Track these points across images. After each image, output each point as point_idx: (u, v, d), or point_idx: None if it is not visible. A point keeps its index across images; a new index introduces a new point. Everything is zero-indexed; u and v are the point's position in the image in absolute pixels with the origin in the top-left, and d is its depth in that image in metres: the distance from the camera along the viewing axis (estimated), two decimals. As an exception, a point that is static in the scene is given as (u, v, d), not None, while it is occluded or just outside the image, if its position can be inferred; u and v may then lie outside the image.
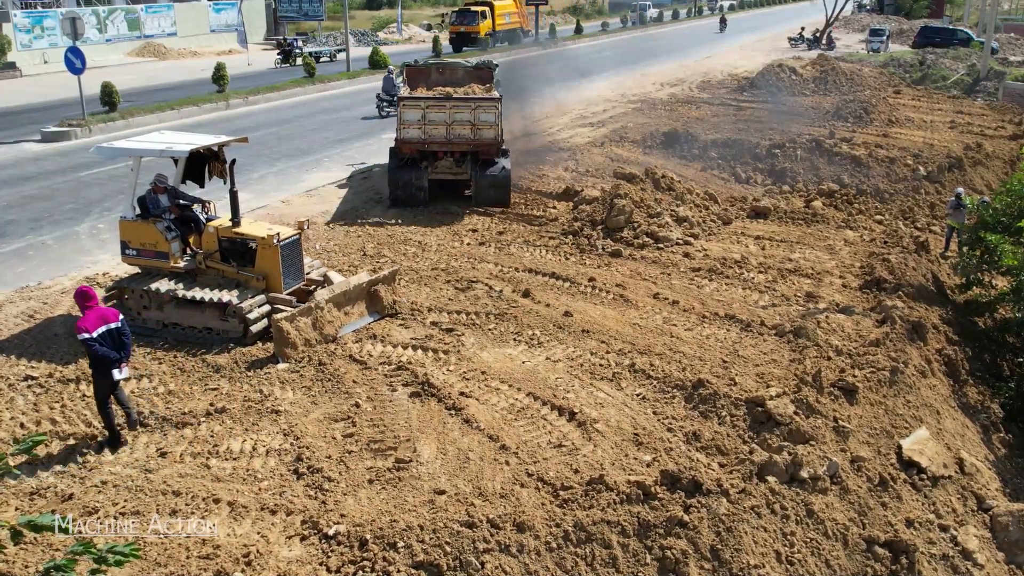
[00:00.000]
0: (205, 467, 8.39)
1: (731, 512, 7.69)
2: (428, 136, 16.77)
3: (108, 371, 8.64)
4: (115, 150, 12.58)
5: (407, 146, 16.80)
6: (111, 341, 8.67)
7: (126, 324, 8.97)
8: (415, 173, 17.04)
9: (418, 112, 16.61)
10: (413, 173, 17.02)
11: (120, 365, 8.72)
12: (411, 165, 17.04)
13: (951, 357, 11.67)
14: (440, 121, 16.69)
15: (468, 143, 16.95)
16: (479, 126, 16.82)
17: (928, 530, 8.55)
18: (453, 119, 16.74)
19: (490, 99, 17.00)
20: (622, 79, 36.89)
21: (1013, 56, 44.33)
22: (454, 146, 16.99)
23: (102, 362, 8.60)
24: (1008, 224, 13.60)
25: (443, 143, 16.90)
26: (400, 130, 16.65)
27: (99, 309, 8.83)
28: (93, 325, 8.59)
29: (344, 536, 7.27)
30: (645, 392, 9.91)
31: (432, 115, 16.62)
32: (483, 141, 16.99)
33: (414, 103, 16.67)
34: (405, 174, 17.01)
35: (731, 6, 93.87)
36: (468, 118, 16.73)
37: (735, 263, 14.15)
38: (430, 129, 16.72)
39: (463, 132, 16.82)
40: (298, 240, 11.70)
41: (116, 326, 8.75)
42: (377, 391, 9.82)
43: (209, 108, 29.26)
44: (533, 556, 7.17)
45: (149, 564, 6.95)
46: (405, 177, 17.01)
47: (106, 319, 8.71)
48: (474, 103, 16.82)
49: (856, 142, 23.19)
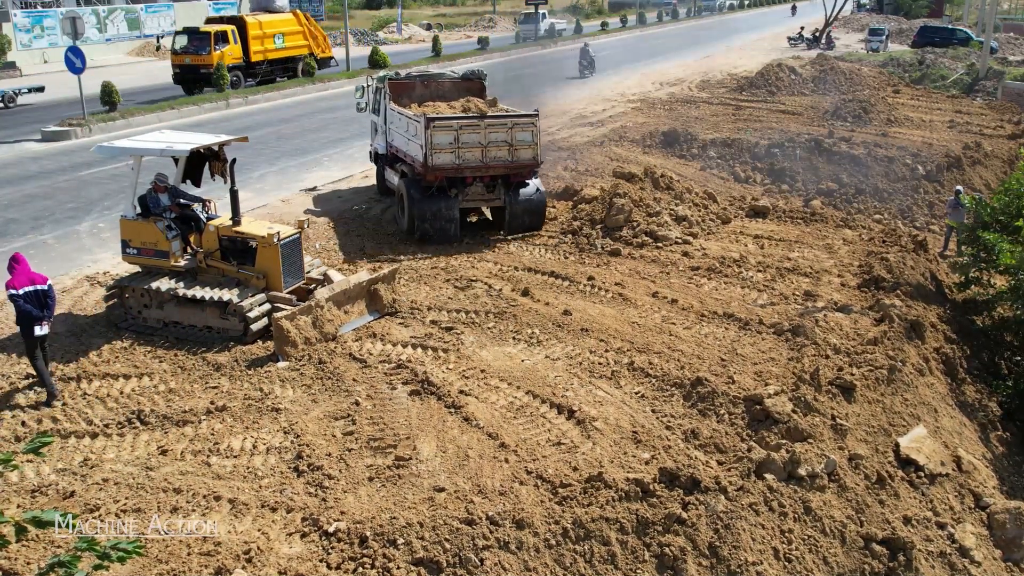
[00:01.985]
0: (206, 465, 8.43)
1: (729, 509, 7.72)
2: (462, 160, 14.94)
3: (30, 327, 9.57)
4: (115, 149, 12.63)
5: (437, 173, 14.88)
6: (36, 301, 9.62)
7: (53, 289, 9.93)
8: (445, 203, 15.10)
9: (450, 134, 14.74)
10: (443, 203, 15.08)
11: (41, 322, 9.63)
12: (439, 194, 15.16)
13: (949, 356, 11.71)
14: (474, 143, 14.92)
15: (505, 165, 15.24)
16: (516, 146, 15.15)
17: (926, 528, 8.58)
18: (488, 140, 14.99)
19: (527, 115, 15.47)
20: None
21: (1012, 55, 44.36)
22: (491, 170, 15.21)
23: (25, 317, 9.57)
24: (1006, 223, 13.62)
25: (479, 167, 15.11)
26: (430, 156, 14.70)
27: (29, 272, 9.75)
28: (20, 284, 9.57)
29: (344, 533, 7.31)
30: (644, 390, 9.95)
31: (465, 137, 14.83)
32: (522, 162, 15.34)
33: (445, 125, 14.79)
34: (433, 205, 15.04)
35: (731, 5, 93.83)
36: (504, 138, 15.06)
37: (734, 262, 14.18)
38: (464, 152, 14.90)
39: (499, 154, 15.10)
40: (298, 239, 11.74)
41: (43, 288, 9.71)
42: (377, 389, 9.86)
43: (209, 107, 29.30)
44: (532, 553, 7.21)
45: (150, 561, 6.98)
46: (434, 208, 15.04)
47: (34, 281, 9.69)
48: (510, 121, 15.19)
49: (855, 141, 23.21)
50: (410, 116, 15.49)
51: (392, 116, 16.70)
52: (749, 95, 31.76)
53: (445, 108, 16.87)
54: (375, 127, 18.42)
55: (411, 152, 15.41)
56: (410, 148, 15.45)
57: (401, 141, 16.10)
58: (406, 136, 15.69)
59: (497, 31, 63.13)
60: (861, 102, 27.74)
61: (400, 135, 16.17)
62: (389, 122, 16.91)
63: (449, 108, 16.89)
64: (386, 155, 17.42)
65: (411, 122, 15.32)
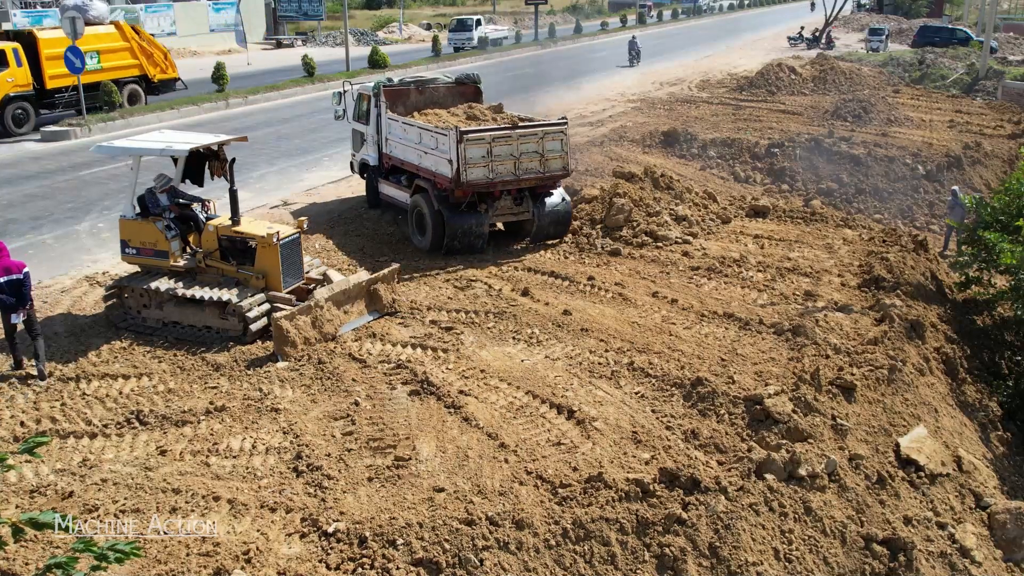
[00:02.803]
0: (205, 465, 8.41)
1: (729, 510, 7.71)
2: (495, 174, 14.25)
3: (7, 314, 10.00)
4: (115, 149, 12.62)
5: (468, 188, 14.16)
6: (11, 289, 9.89)
7: (29, 278, 10.15)
8: (475, 219, 14.46)
9: (483, 147, 14.02)
10: (473, 219, 14.43)
11: (17, 311, 9.99)
12: (469, 209, 14.54)
13: (949, 355, 11.69)
14: (506, 155, 14.25)
15: (537, 177, 14.66)
16: (547, 156, 14.60)
17: (926, 528, 8.57)
18: (520, 151, 14.41)
19: (557, 124, 14.92)
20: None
21: (1012, 55, 44.35)
22: (523, 183, 14.60)
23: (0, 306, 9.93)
24: (1007, 223, 13.61)
25: (512, 180, 14.46)
26: (464, 171, 13.91)
27: (5, 261, 9.95)
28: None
29: (343, 533, 7.29)
30: (644, 390, 9.93)
31: (498, 149, 14.17)
32: (553, 173, 14.83)
33: (478, 138, 14.01)
34: (464, 221, 14.37)
35: (730, 5, 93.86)
36: (536, 148, 14.48)
37: (734, 262, 14.17)
38: (496, 165, 14.22)
39: (531, 165, 14.52)
40: (298, 239, 11.73)
41: (17, 277, 9.94)
42: (376, 389, 9.84)
43: (209, 107, 29.28)
44: (532, 553, 7.19)
45: (149, 561, 6.97)
46: (465, 225, 14.37)
47: (9, 270, 9.92)
48: (540, 131, 14.59)
49: (855, 141, 23.21)
50: (431, 128, 14.68)
51: (393, 126, 15.83)
52: (749, 95, 31.75)
53: (447, 116, 16.16)
54: (361, 137, 17.39)
55: (431, 166, 14.58)
56: (429, 162, 14.62)
57: (411, 154, 15.16)
58: (421, 149, 14.82)
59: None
60: (861, 102, 27.75)
61: (409, 147, 15.24)
62: (387, 132, 15.99)
63: (451, 115, 16.20)
64: (379, 167, 16.64)
65: (432, 135, 14.49)
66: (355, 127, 17.75)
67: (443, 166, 14.20)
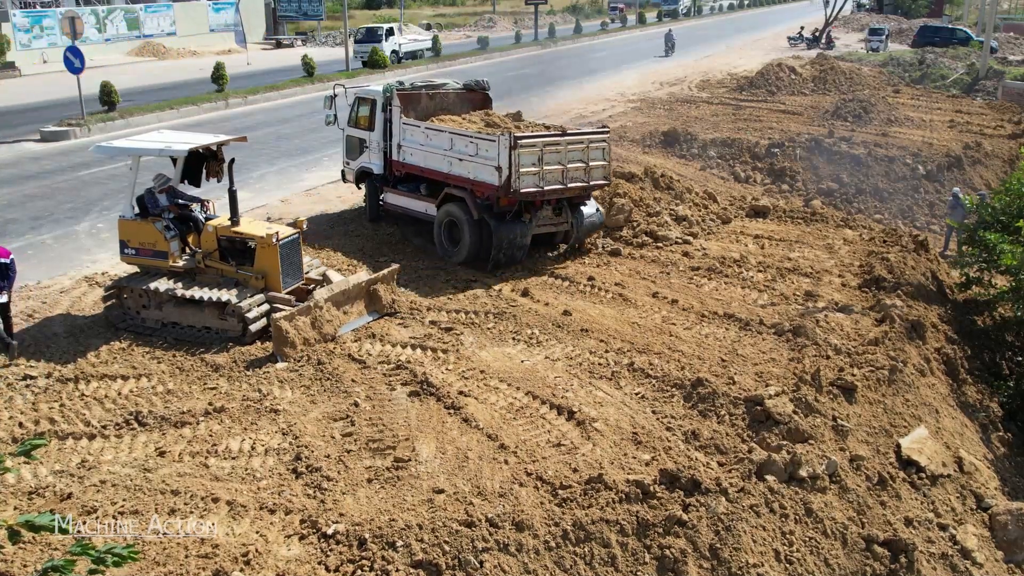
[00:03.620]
0: (204, 466, 8.39)
1: (730, 511, 7.69)
2: (544, 182, 13.71)
3: None
4: (114, 149, 12.59)
5: (518, 197, 13.52)
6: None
7: (15, 263, 10.99)
8: (520, 229, 13.95)
9: (534, 154, 13.49)
10: (518, 229, 13.93)
11: (1, 291, 10.66)
12: (514, 220, 13.99)
13: (950, 356, 11.67)
14: (554, 163, 13.74)
15: (582, 186, 14.24)
16: (591, 165, 14.21)
17: (927, 529, 8.55)
18: (568, 159, 13.95)
19: (601, 132, 14.64)
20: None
21: (1012, 55, 44.33)
22: (569, 191, 14.16)
23: None
24: (1007, 223, 13.59)
25: (560, 189, 14.00)
26: (516, 178, 13.29)
27: None
28: None
29: (343, 535, 7.27)
30: (644, 391, 9.91)
31: (547, 156, 13.66)
32: (596, 182, 14.48)
33: (531, 144, 13.49)
34: (510, 232, 13.83)
35: (730, 5, 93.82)
36: (581, 157, 14.08)
37: (734, 262, 14.15)
38: (546, 173, 13.70)
39: (577, 174, 14.08)
40: (297, 239, 11.70)
41: (5, 261, 10.71)
42: (376, 390, 9.82)
43: (208, 107, 29.26)
44: (532, 555, 7.17)
45: (148, 563, 6.94)
46: (510, 235, 13.82)
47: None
48: (586, 139, 14.24)
49: (855, 141, 23.19)
50: (470, 134, 14.05)
51: (411, 132, 14.96)
52: (749, 95, 31.74)
53: (462, 122, 15.38)
54: (360, 144, 16.35)
55: (467, 173, 13.90)
56: (464, 169, 13.93)
57: (438, 161, 14.42)
58: (453, 155, 14.09)
59: (497, 31, 63.10)
60: (861, 102, 27.73)
61: (435, 154, 14.48)
62: (401, 138, 15.13)
63: (466, 121, 15.45)
64: (384, 175, 15.89)
65: (472, 140, 13.86)
66: (350, 133, 16.68)
67: (486, 173, 13.58)
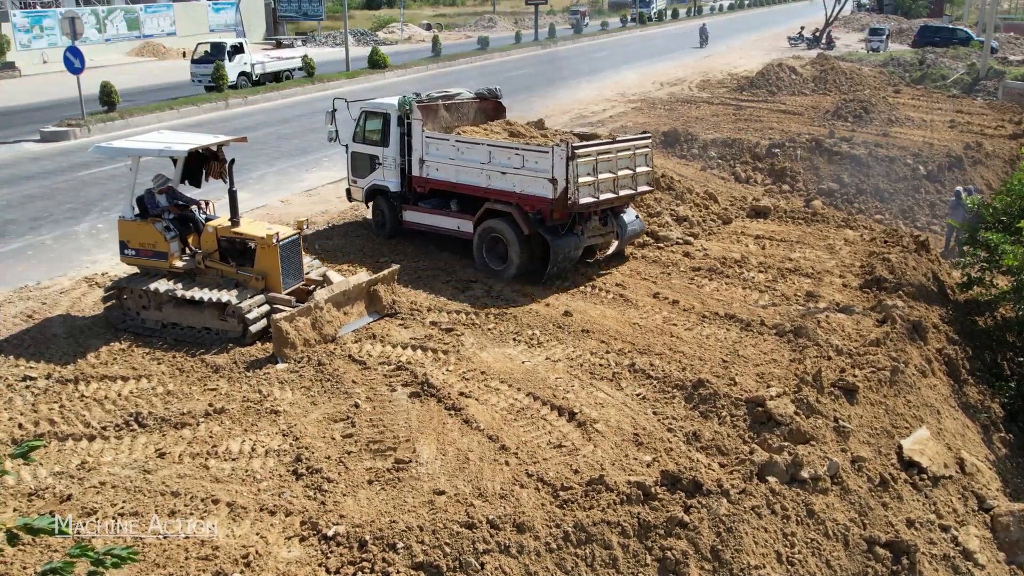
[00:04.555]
0: (204, 468, 8.36)
1: (731, 512, 7.67)
2: (599, 191, 13.31)
3: None
4: (114, 150, 12.57)
5: (574, 209, 13.03)
6: None
7: None
8: (575, 242, 13.41)
9: (590, 164, 13.08)
10: (573, 241, 13.38)
11: None
12: (569, 232, 13.41)
13: (951, 357, 11.65)
14: (606, 171, 13.37)
15: (630, 194, 13.96)
16: (637, 172, 13.92)
17: (929, 530, 8.53)
18: (618, 167, 13.62)
19: (644, 138, 14.46)
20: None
21: (1013, 55, 44.32)
22: (621, 200, 13.85)
23: None
24: (1008, 223, 13.57)
25: (614, 198, 13.63)
26: (574, 190, 12.80)
27: None
28: None
29: (343, 537, 7.25)
30: (645, 392, 9.89)
31: (601, 165, 13.30)
32: (643, 189, 14.26)
33: (586, 154, 13.01)
34: (566, 245, 13.26)
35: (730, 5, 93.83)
36: (628, 164, 13.75)
37: (735, 262, 14.13)
38: (600, 183, 13.30)
39: (625, 181, 13.76)
40: (297, 240, 11.68)
41: None
42: (376, 391, 9.80)
43: (208, 108, 29.25)
44: (533, 557, 7.15)
45: (148, 565, 6.93)
46: (566, 248, 13.26)
47: None
48: (632, 146, 13.90)
49: (856, 141, 23.17)
50: (515, 147, 13.50)
51: (439, 145, 14.20)
52: (750, 95, 31.72)
53: (487, 133, 14.84)
54: (371, 161, 15.46)
55: (512, 187, 13.27)
56: (508, 183, 13.30)
57: (474, 175, 13.72)
58: (492, 169, 13.43)
59: (497, 31, 63.06)
60: (862, 102, 27.72)
61: (470, 168, 13.76)
62: (425, 153, 14.32)
63: (486, 132, 14.92)
64: (401, 193, 15.05)
65: (517, 153, 13.27)
66: (357, 150, 15.77)
67: (536, 186, 13.00)
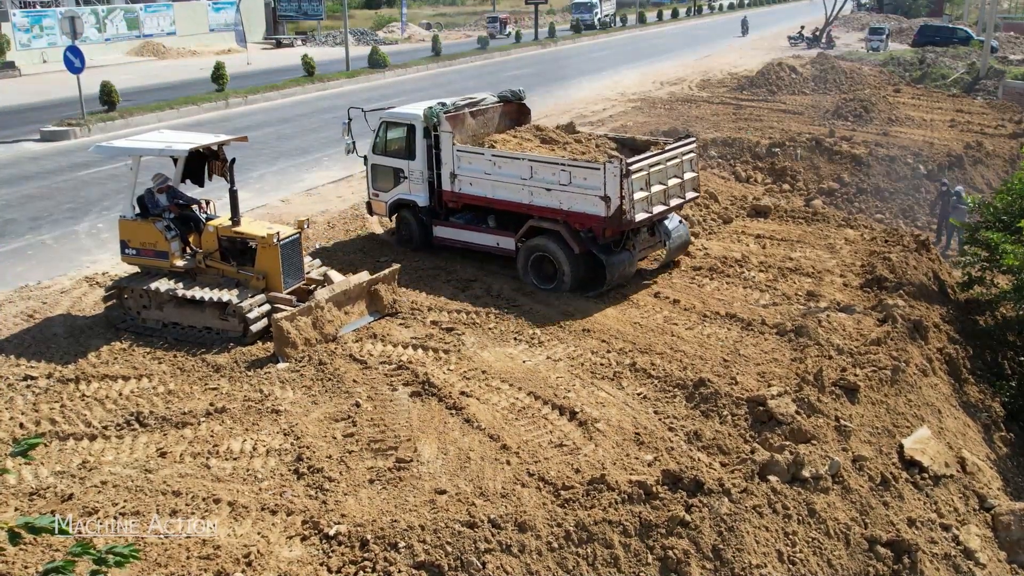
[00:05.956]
0: (205, 467, 8.37)
1: (733, 512, 7.66)
2: (652, 205, 12.79)
3: None
4: (114, 149, 12.57)
5: (628, 225, 12.48)
6: None
7: None
8: (628, 258, 12.92)
9: (643, 178, 12.54)
10: (627, 259, 12.89)
11: None
12: (622, 249, 12.92)
13: (952, 356, 11.64)
14: (657, 182, 12.86)
15: (679, 203, 13.53)
16: (684, 180, 13.46)
17: (930, 529, 8.52)
18: (668, 177, 13.14)
19: (688, 142, 13.86)
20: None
21: (1013, 55, 44.30)
22: (669, 211, 13.37)
23: None
24: (1008, 223, 13.55)
25: (665, 210, 13.15)
26: (629, 207, 12.19)
27: None
28: None
29: (345, 536, 7.25)
30: (646, 391, 9.89)
31: (653, 178, 12.80)
32: (691, 196, 13.82)
33: (639, 168, 12.42)
34: (622, 260, 12.82)
35: (730, 5, 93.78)
36: (676, 172, 13.30)
37: (736, 262, 14.12)
38: (653, 196, 12.79)
39: (675, 191, 13.28)
40: (298, 239, 11.68)
41: None
42: (377, 391, 9.80)
43: (208, 107, 29.24)
44: (534, 556, 7.15)
45: (149, 564, 6.93)
46: (622, 265, 12.83)
47: None
48: (679, 152, 13.40)
49: (856, 141, 23.18)
50: (561, 162, 12.81)
51: (473, 160, 13.47)
52: (750, 94, 31.72)
53: (513, 140, 14.26)
54: (395, 175, 14.58)
55: (558, 204, 12.66)
56: (554, 200, 12.69)
57: (514, 192, 13.02)
58: (535, 185, 12.80)
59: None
60: (862, 101, 27.72)
61: (509, 184, 13.06)
62: (457, 167, 13.56)
63: (515, 138, 14.35)
64: (430, 207, 14.30)
65: (563, 169, 12.62)
66: (377, 162, 14.81)
67: (586, 204, 12.39)
